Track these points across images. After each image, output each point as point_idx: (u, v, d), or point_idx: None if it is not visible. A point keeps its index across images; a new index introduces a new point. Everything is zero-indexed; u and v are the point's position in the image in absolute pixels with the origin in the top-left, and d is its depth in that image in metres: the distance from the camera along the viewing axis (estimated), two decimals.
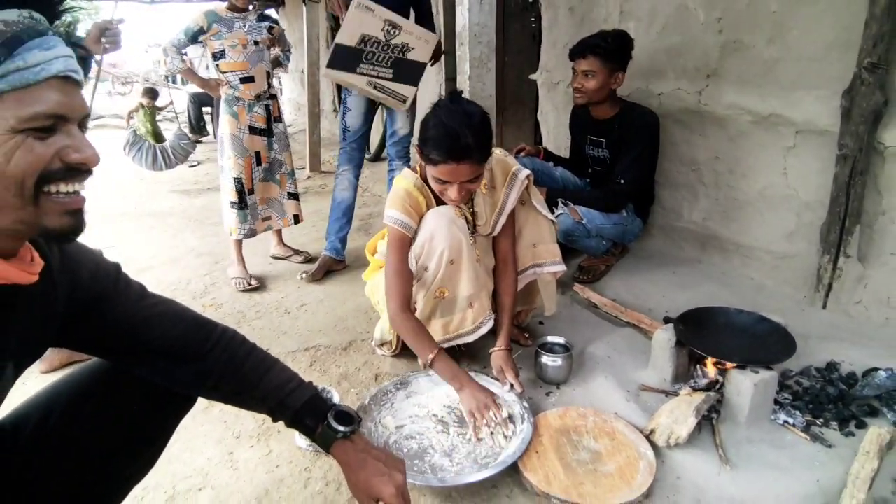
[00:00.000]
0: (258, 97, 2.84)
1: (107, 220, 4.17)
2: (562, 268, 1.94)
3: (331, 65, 2.45)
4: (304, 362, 2.11)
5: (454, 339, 1.85)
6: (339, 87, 2.95)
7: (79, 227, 0.81)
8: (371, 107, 2.87)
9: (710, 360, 1.64)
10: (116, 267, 1.04)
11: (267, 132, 2.91)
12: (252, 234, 2.93)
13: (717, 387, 1.60)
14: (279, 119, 2.98)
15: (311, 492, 1.47)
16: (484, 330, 1.85)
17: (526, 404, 1.64)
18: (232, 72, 2.78)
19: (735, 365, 1.55)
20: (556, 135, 3.30)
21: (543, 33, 3.22)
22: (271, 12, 8.14)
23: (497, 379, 1.76)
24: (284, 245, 3.26)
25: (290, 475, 1.53)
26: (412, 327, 1.73)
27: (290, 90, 10.65)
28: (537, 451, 1.47)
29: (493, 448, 1.54)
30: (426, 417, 1.71)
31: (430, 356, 1.66)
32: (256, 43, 2.78)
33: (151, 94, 7.60)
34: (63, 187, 0.78)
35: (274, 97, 2.95)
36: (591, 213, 2.42)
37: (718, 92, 2.36)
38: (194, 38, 2.74)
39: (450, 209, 1.73)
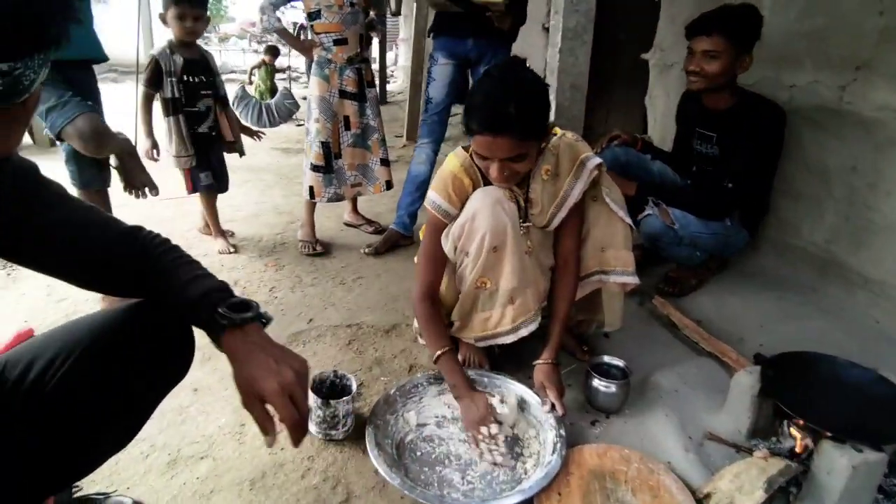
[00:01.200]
0: (350, 60, 2.72)
1: None
2: (633, 279, 1.66)
3: None
4: (343, 339, 2.01)
5: (491, 338, 1.65)
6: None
7: None
8: (457, 78, 2.69)
9: (800, 422, 1.32)
10: (34, 167, 0.96)
11: (359, 96, 2.78)
12: (338, 198, 2.86)
13: (804, 456, 1.28)
14: (371, 84, 2.86)
15: (306, 485, 1.36)
16: (524, 332, 1.62)
17: (563, 432, 1.42)
18: (326, 33, 2.67)
19: (832, 435, 1.22)
20: (663, 124, 2.93)
21: (661, 8, 2.84)
22: None
23: (538, 394, 1.55)
24: (357, 213, 3.19)
25: (292, 462, 1.43)
26: (428, 316, 1.59)
27: (405, 57, 10.68)
28: (560, 493, 1.25)
29: (514, 475, 1.35)
30: (453, 421, 1.55)
31: (438, 352, 1.52)
32: (353, 4, 2.65)
33: (273, 51, 7.94)
34: None
35: (366, 61, 2.83)
36: (686, 217, 2.09)
37: (868, 88, 1.91)
38: None
39: (498, 189, 1.52)
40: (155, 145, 2.61)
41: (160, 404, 1.10)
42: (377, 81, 4.13)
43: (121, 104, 2.24)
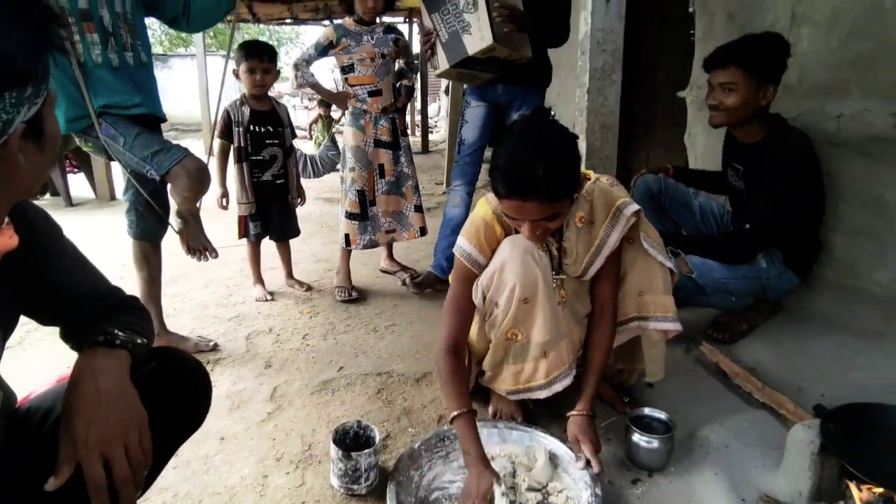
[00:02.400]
0: (385, 110, 2.80)
1: None
2: (674, 326, 1.55)
3: None
4: (373, 388, 1.96)
5: (524, 391, 1.56)
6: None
7: None
8: (489, 120, 2.69)
9: (869, 485, 1.17)
10: (57, 226, 0.98)
11: (393, 145, 2.85)
12: (373, 244, 2.90)
13: None
14: (405, 132, 2.93)
15: None
16: (559, 387, 1.53)
17: (599, 491, 1.31)
18: (361, 85, 2.76)
19: None
20: (703, 161, 2.83)
21: (696, 45, 2.79)
22: (397, 24, 8.53)
23: (571, 449, 1.45)
24: (394, 260, 3.20)
25: None
26: (450, 371, 1.47)
27: (447, 108, 10.92)
28: None
29: None
30: None
31: (455, 413, 1.37)
32: (384, 56, 2.73)
33: (326, 104, 8.30)
34: None
35: (400, 111, 2.91)
36: (706, 264, 1.97)
37: None
38: (324, 52, 2.74)
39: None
40: (225, 194, 2.76)
41: (185, 453, 1.08)
42: (419, 132, 4.23)
43: None
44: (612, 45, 1.92)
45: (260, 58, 2.60)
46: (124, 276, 2.75)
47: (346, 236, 2.81)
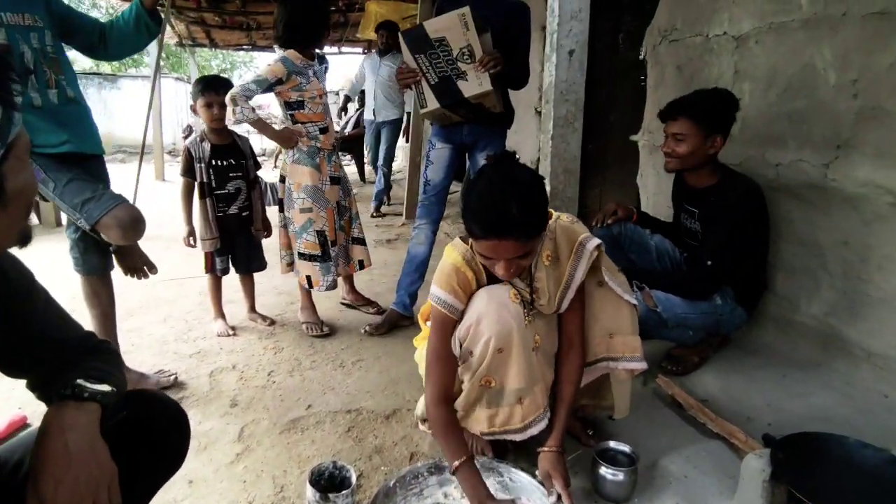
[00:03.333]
0: (333, 146, 2.79)
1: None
2: (641, 365, 1.63)
3: (407, 34, 2.39)
4: (343, 426, 1.96)
5: (500, 434, 1.61)
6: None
7: None
8: (454, 161, 2.78)
9: None
10: (30, 273, 0.97)
11: (341, 180, 2.86)
12: (334, 285, 2.83)
13: None
14: (342, 166, 2.93)
15: None
16: (535, 430, 1.58)
17: None
18: (311, 122, 2.67)
19: None
20: (655, 201, 3.00)
21: (648, 92, 2.98)
22: (355, 54, 8.72)
23: (543, 484, 1.50)
24: (356, 292, 3.20)
25: None
26: (444, 423, 1.50)
27: (403, 138, 11.03)
28: None
29: None
30: None
31: (456, 463, 1.41)
32: (326, 92, 2.70)
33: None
34: None
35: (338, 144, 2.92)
36: (670, 299, 2.10)
37: (850, 166, 1.98)
38: (269, 89, 2.55)
39: (503, 290, 1.52)
40: (192, 233, 2.71)
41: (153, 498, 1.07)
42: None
43: (124, 184, 2.34)
44: (575, 95, 2.04)
45: (217, 91, 2.57)
46: (75, 309, 2.65)
47: (309, 278, 2.76)
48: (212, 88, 2.58)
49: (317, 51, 2.73)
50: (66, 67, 1.95)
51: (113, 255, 2.13)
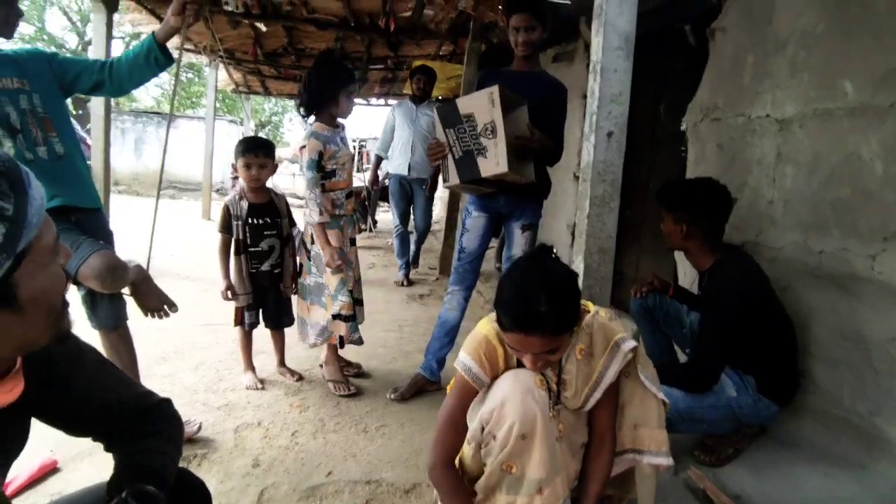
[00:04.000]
0: (354, 209, 2.89)
1: None
2: (667, 461, 1.57)
3: (441, 108, 2.45)
4: (361, 498, 1.94)
5: None
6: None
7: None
8: (489, 229, 2.80)
9: None
10: (76, 342, 1.03)
11: (354, 241, 2.95)
12: (361, 341, 2.87)
13: None
14: None
15: None
16: None
17: None
18: (340, 190, 2.76)
19: None
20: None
21: (688, 167, 2.97)
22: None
23: None
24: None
25: None
26: (451, 486, 1.51)
27: (441, 189, 11.22)
28: None
29: None
30: None
31: None
32: (351, 156, 2.80)
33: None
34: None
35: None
36: (671, 395, 2.01)
37: None
38: (319, 163, 2.64)
39: (529, 375, 1.50)
40: (230, 287, 2.78)
41: None
42: None
43: (177, 218, 2.42)
44: (612, 175, 2.05)
45: (255, 153, 2.66)
46: None
47: (341, 338, 2.77)
48: (251, 150, 2.67)
49: (339, 120, 2.81)
50: (61, 125, 2.05)
51: (130, 299, 2.14)
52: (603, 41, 1.98)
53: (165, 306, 2.13)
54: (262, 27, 5.98)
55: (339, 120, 2.82)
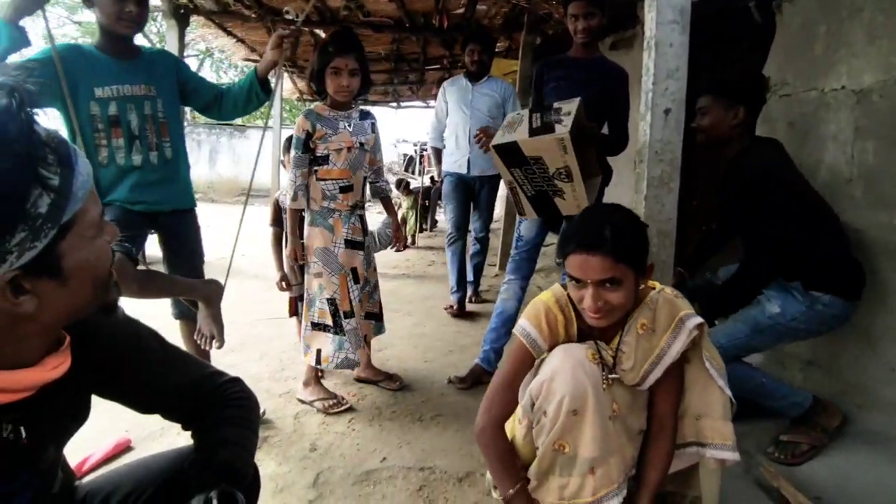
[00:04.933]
0: (354, 207, 2.54)
1: None
2: (733, 456, 1.47)
3: (499, 148, 2.28)
4: (415, 484, 1.94)
5: None
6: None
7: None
8: (548, 219, 2.74)
9: None
10: (136, 327, 1.06)
11: (364, 246, 2.59)
12: (351, 365, 2.52)
13: None
14: (366, 230, 2.66)
15: None
16: None
17: None
18: (332, 180, 2.47)
19: None
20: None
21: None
22: (370, 108, 9.10)
23: None
24: (373, 367, 2.86)
25: None
26: (499, 449, 1.50)
27: (502, 187, 11.18)
28: None
29: None
30: None
31: (511, 491, 1.41)
32: (362, 145, 2.50)
33: (404, 184, 9.23)
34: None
35: (364, 206, 2.66)
36: (713, 335, 1.97)
37: None
38: (307, 143, 2.43)
39: (581, 349, 1.46)
40: (284, 278, 2.87)
41: None
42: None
43: (247, 221, 2.47)
44: (671, 154, 1.96)
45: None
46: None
47: (318, 352, 2.47)
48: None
49: (361, 106, 2.62)
50: (175, 127, 2.22)
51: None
52: (657, 15, 1.90)
53: (213, 338, 2.03)
54: (322, 34, 6.15)
55: (363, 107, 2.62)
